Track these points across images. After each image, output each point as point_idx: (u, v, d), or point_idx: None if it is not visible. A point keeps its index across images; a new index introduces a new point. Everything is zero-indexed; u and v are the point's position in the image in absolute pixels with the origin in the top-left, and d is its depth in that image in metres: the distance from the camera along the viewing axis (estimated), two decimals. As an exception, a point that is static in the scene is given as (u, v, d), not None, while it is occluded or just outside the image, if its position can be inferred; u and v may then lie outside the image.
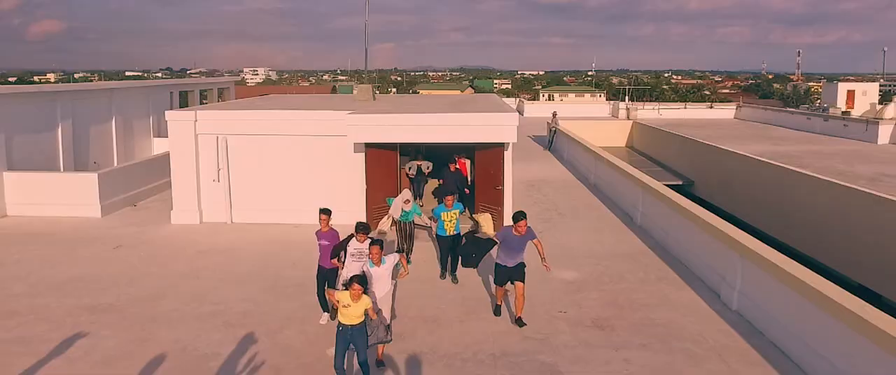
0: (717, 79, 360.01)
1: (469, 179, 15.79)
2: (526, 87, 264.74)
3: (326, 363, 7.88)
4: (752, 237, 9.97)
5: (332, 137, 14.45)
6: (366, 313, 7.30)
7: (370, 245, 8.26)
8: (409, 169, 16.70)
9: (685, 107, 48.34)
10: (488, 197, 14.44)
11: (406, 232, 12.15)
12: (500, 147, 14.06)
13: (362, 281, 7.25)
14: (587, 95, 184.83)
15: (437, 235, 11.52)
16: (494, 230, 14.17)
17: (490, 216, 13.77)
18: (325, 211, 9.49)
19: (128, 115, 21.79)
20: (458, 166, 15.06)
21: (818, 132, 36.80)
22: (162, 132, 24.09)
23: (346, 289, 7.27)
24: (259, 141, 14.85)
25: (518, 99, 53.40)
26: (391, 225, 12.01)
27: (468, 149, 15.45)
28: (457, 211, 11.43)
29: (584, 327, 9.24)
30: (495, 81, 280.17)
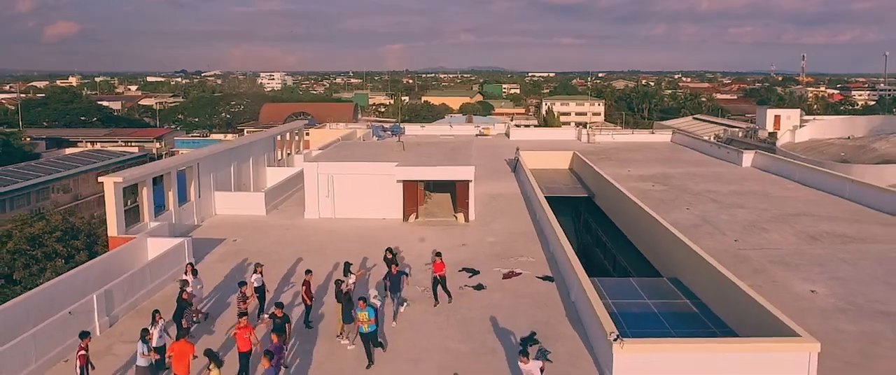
0: (726, 81, 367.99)
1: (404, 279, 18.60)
2: (534, 91, 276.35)
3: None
4: (557, 224, 24.78)
5: (384, 176, 29.37)
6: None
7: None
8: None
9: (632, 133, 63.13)
10: (462, 205, 29.40)
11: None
12: (467, 181, 29.00)
13: None
14: (586, 103, 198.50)
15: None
16: (465, 220, 29.04)
17: (462, 214, 28.85)
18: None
19: (256, 155, 36.85)
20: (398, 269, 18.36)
21: (713, 156, 51.17)
22: (271, 163, 39.23)
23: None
24: (349, 175, 29.77)
25: (507, 125, 67.98)
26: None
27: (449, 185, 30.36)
28: (366, 313, 14.63)
29: (492, 255, 24.14)
30: (504, 86, 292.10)
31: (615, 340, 13.90)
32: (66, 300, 17.15)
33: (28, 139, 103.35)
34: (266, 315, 17.02)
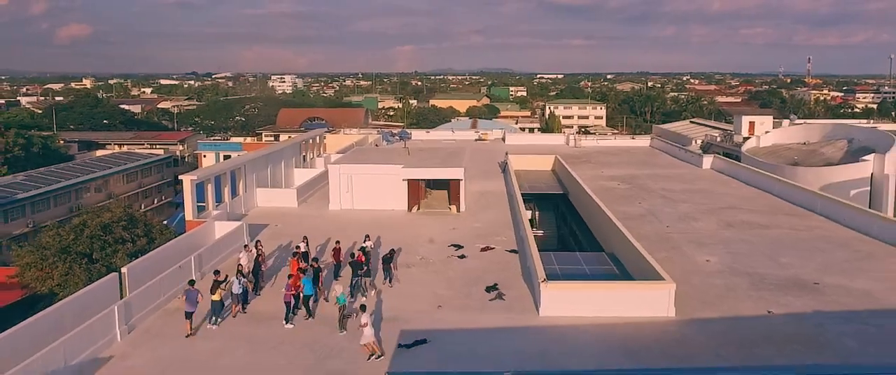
0: (734, 82, 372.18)
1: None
2: (542, 94, 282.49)
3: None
4: (526, 214, 32.11)
5: (393, 175, 36.80)
6: None
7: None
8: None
9: (615, 138, 70.33)
10: (455, 199, 36.82)
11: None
12: (459, 179, 36.42)
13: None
14: (589, 107, 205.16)
15: None
16: (457, 211, 36.53)
17: (455, 206, 36.43)
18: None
19: (287, 158, 44.43)
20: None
21: (681, 159, 58.33)
22: (298, 165, 46.81)
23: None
24: (364, 175, 37.23)
25: (503, 131, 75.28)
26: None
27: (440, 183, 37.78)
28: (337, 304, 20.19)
29: (475, 236, 31.52)
30: (511, 89, 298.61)
31: (542, 281, 21.27)
32: (168, 262, 24.62)
33: (62, 141, 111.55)
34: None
